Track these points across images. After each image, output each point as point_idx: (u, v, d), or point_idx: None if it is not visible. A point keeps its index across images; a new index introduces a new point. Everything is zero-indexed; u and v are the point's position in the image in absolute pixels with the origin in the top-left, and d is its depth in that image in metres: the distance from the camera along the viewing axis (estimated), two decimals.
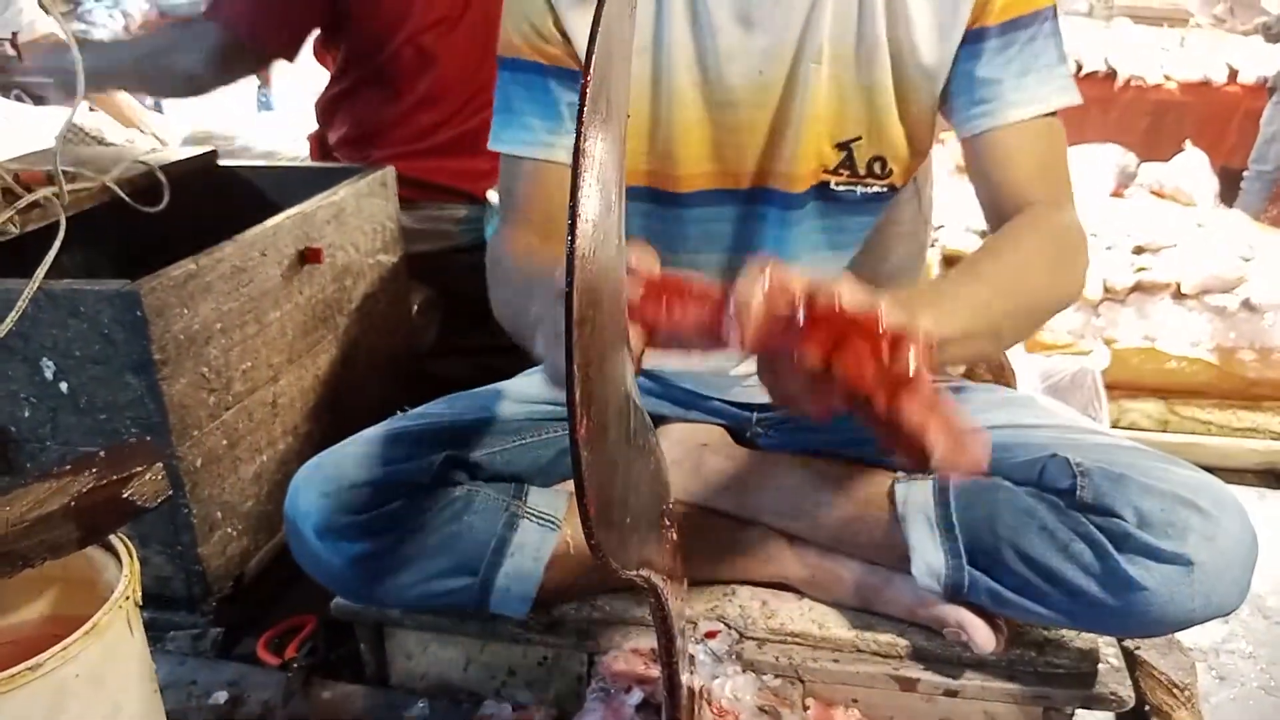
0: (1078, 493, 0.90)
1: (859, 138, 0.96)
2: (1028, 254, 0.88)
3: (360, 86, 1.66)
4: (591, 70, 0.39)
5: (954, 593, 0.96)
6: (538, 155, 0.98)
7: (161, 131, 2.36)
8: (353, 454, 0.99)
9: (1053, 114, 0.93)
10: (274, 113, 2.55)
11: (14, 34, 1.49)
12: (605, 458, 0.47)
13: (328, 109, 1.72)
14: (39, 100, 2.74)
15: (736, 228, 1.02)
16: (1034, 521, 0.91)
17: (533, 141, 0.98)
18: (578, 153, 0.40)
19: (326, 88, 1.73)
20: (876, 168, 0.97)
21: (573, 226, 0.39)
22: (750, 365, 1.08)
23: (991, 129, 0.93)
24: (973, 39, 0.91)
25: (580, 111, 0.42)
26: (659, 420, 1.14)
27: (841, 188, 0.98)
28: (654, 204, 1.02)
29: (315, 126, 1.81)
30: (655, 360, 0.70)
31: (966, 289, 0.83)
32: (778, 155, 0.97)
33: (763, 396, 1.11)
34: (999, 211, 0.94)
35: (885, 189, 0.99)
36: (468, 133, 1.66)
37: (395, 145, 1.65)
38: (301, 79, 1.80)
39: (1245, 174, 3.51)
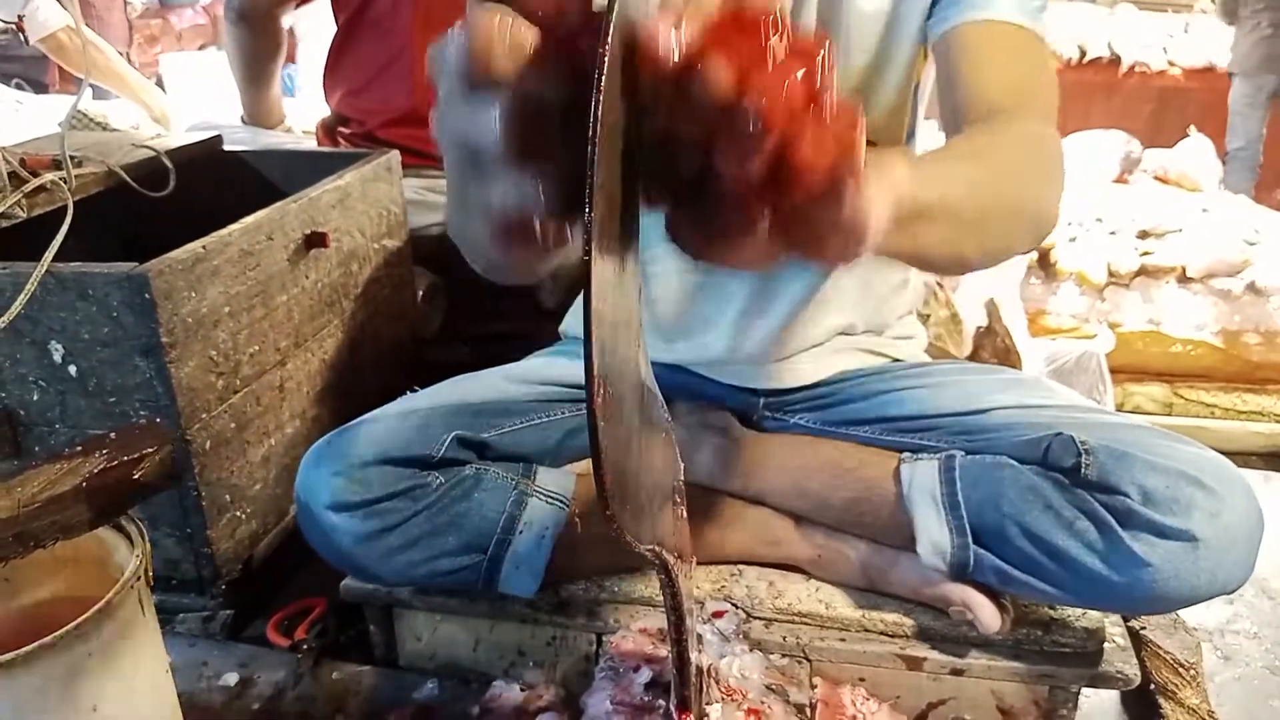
0: (1082, 470, 0.90)
1: None
2: (1010, 151, 0.77)
3: (353, 32, 1.70)
4: (607, 44, 0.39)
5: (959, 572, 0.96)
6: None
7: (167, 106, 2.36)
8: (363, 432, 0.99)
9: (1038, 38, 0.87)
10: (294, 99, 2.55)
11: (20, 17, 1.49)
12: (621, 430, 0.47)
13: (332, 69, 1.75)
14: (41, 88, 2.74)
15: None
16: (1039, 499, 0.92)
17: None
18: (595, 122, 0.40)
19: (330, 45, 1.75)
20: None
21: (590, 195, 0.39)
22: (754, 345, 1.09)
23: (969, 21, 0.86)
24: None
25: (597, 84, 0.41)
26: (666, 402, 1.15)
27: None
28: None
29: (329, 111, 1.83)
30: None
31: (951, 163, 0.71)
32: None
33: (768, 381, 1.13)
34: (965, 119, 0.84)
35: None
36: None
37: (390, 97, 1.66)
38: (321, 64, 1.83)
39: (1225, 156, 3.53)
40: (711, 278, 1.06)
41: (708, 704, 0.91)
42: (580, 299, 0.47)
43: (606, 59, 0.39)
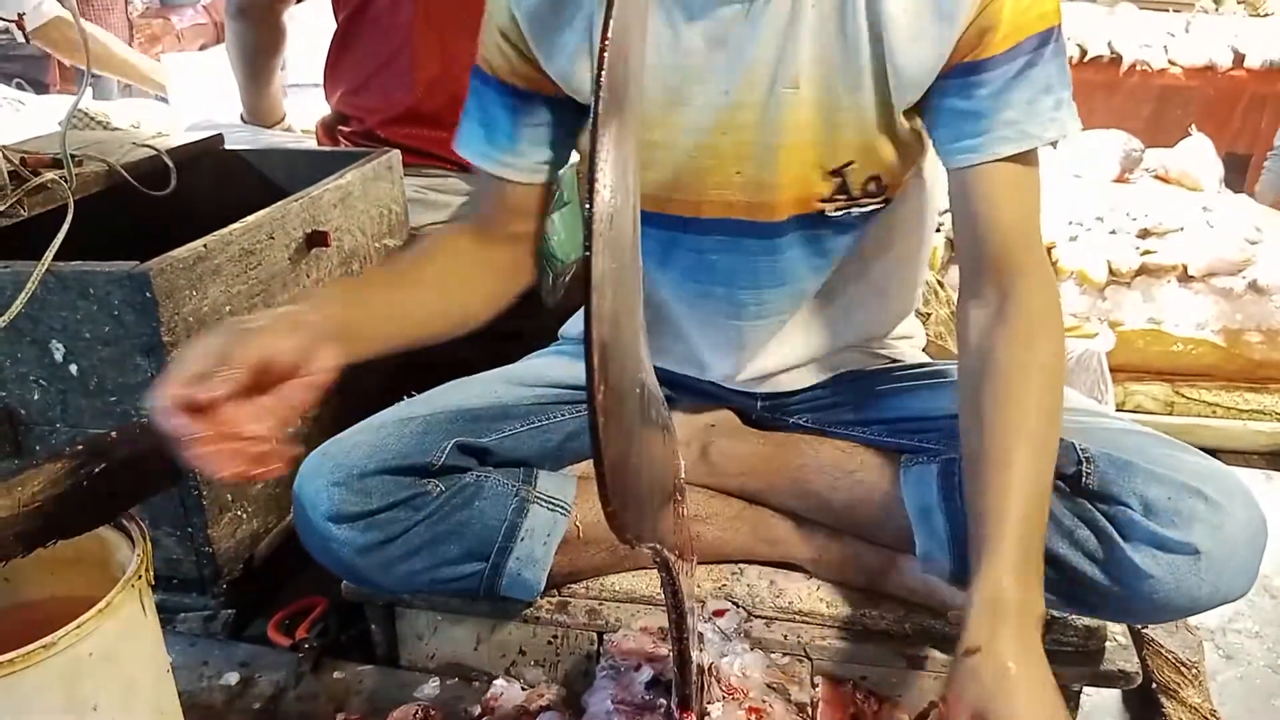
0: (1083, 480, 0.89)
1: (852, 162, 0.92)
2: (1028, 423, 0.84)
3: (353, 30, 1.69)
4: (610, 38, 0.39)
5: (958, 577, 0.96)
6: (494, 171, 0.99)
7: (165, 79, 2.36)
8: (361, 442, 0.98)
9: (1034, 154, 0.89)
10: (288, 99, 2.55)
11: (20, 15, 1.49)
12: (622, 427, 0.47)
13: (332, 67, 1.75)
14: (42, 88, 2.74)
15: (704, 256, 1.00)
16: None
17: (489, 157, 0.99)
18: (595, 121, 0.40)
19: (330, 43, 1.75)
20: (872, 187, 0.94)
21: (591, 192, 0.39)
22: (752, 369, 1.09)
23: (979, 164, 0.87)
24: (967, 71, 0.86)
25: (596, 85, 0.42)
26: (666, 401, 1.14)
27: (838, 213, 0.95)
28: None
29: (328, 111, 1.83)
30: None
31: (1013, 521, 0.79)
32: (749, 186, 0.93)
33: (767, 386, 1.13)
34: (977, 255, 0.90)
35: (881, 204, 0.96)
36: (459, 98, 1.66)
37: (391, 95, 1.66)
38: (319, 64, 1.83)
39: (1270, 154, 3.45)
40: (714, 318, 1.06)
41: (709, 703, 0.92)
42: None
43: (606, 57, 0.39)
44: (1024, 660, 0.73)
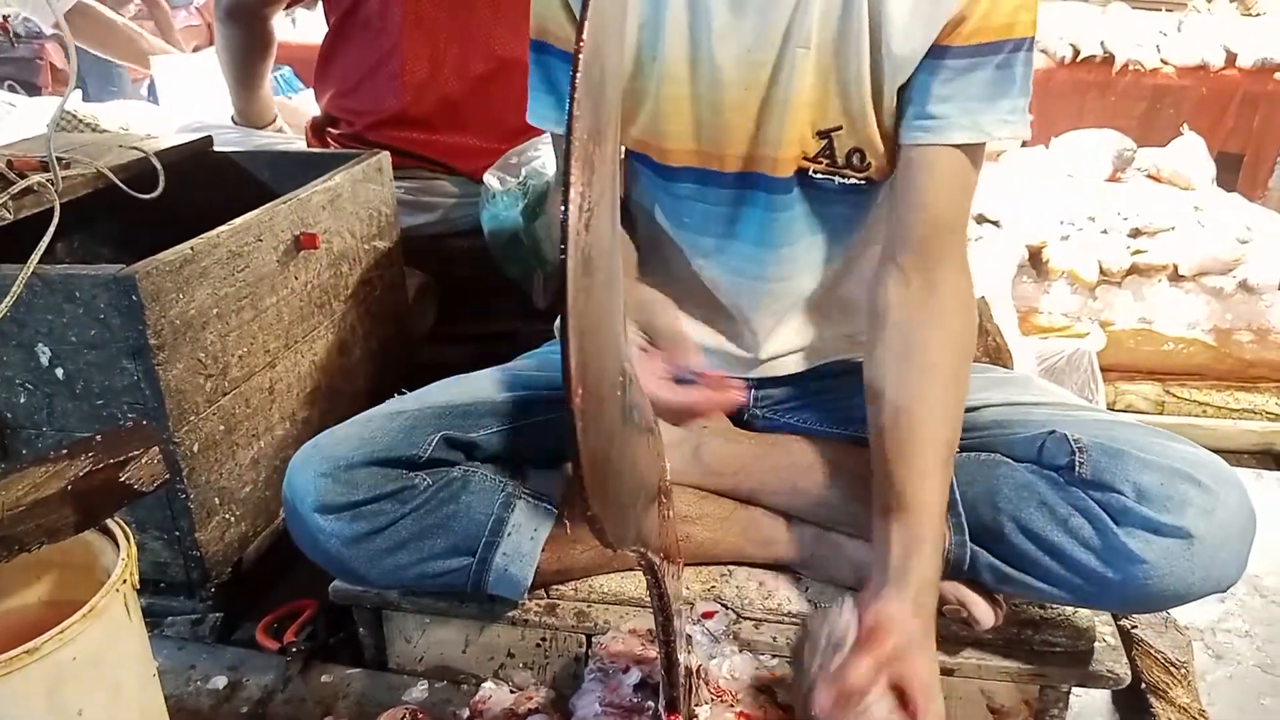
0: (1076, 469, 0.91)
1: (839, 127, 0.95)
2: (944, 405, 0.92)
3: (344, 32, 1.69)
4: (584, 39, 0.39)
5: (956, 569, 0.96)
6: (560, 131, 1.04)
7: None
8: (350, 434, 0.99)
9: (978, 147, 0.94)
10: (290, 100, 2.54)
11: (5, 18, 1.49)
12: (602, 430, 0.47)
13: (322, 69, 1.75)
14: (33, 90, 2.74)
15: (724, 209, 1.03)
16: (1034, 496, 0.92)
17: (554, 120, 1.03)
18: (570, 125, 0.39)
19: (321, 45, 1.75)
20: (855, 159, 0.97)
21: (566, 196, 0.39)
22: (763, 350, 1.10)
23: (929, 144, 0.92)
24: (938, 54, 0.90)
25: (572, 90, 0.41)
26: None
27: (820, 176, 0.98)
28: (651, 171, 1.03)
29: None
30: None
31: (926, 512, 0.88)
32: (764, 139, 0.96)
33: (776, 367, 1.13)
34: (906, 231, 0.95)
35: (863, 181, 0.98)
36: (448, 102, 1.66)
37: (380, 99, 1.66)
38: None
39: None
40: (741, 280, 1.07)
41: (697, 705, 0.91)
42: None
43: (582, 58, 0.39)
44: (927, 631, 0.87)
